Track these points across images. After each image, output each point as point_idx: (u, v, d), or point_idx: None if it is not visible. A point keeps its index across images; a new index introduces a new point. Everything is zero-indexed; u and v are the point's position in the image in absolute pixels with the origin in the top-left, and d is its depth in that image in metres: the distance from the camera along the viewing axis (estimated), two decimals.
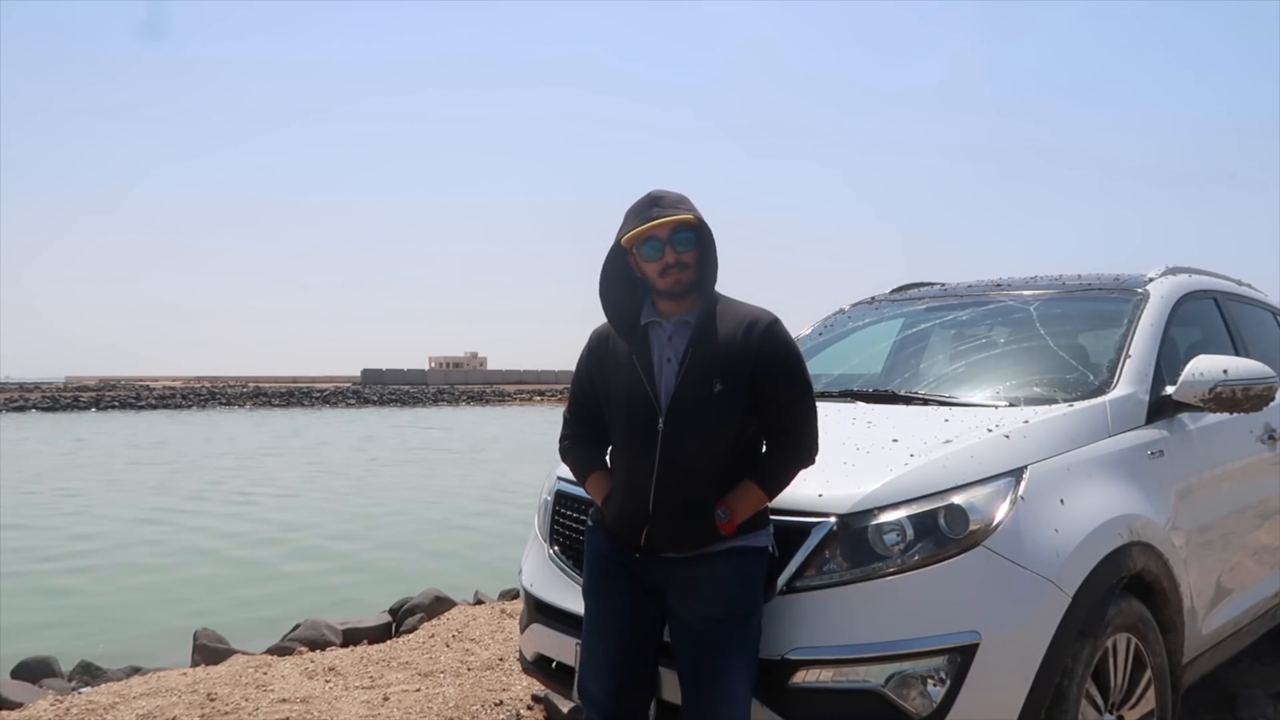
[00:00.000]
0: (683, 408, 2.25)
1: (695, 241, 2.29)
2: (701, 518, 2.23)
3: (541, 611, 2.88)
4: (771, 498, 2.29)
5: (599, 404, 2.44)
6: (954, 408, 2.97)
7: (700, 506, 2.23)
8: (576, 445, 2.53)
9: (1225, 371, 2.95)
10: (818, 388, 2.41)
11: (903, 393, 3.25)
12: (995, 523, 2.31)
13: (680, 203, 2.28)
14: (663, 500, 2.25)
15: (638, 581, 2.34)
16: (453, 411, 53.33)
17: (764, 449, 2.34)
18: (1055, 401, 2.89)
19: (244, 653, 5.09)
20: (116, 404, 55.72)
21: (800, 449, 2.29)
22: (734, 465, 2.27)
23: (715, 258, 2.32)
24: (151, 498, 15.14)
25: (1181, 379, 2.99)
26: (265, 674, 4.42)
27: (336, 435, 32.12)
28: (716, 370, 2.24)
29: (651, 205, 2.27)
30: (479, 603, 6.11)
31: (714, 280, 2.34)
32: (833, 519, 2.31)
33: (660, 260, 2.27)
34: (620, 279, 2.39)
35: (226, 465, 20.72)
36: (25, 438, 29.64)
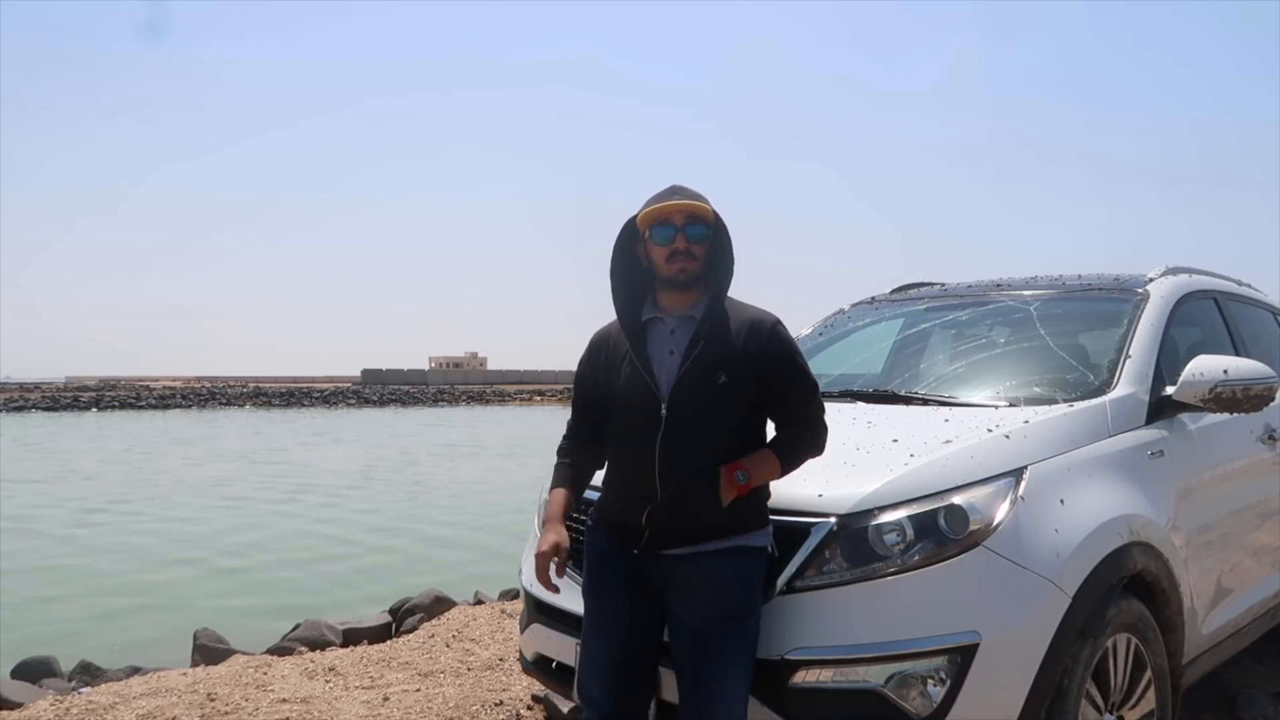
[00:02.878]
0: (685, 396, 2.26)
1: (707, 237, 2.31)
2: (702, 508, 2.23)
3: (541, 611, 2.88)
4: (785, 473, 2.31)
5: (604, 401, 2.43)
6: (954, 408, 2.97)
7: (701, 496, 2.24)
8: (571, 449, 2.53)
9: (1225, 371, 2.95)
10: None
11: (903, 393, 3.25)
12: (995, 523, 2.31)
13: (699, 197, 2.33)
14: (665, 489, 2.25)
15: (637, 581, 2.34)
16: (465, 411, 53.21)
17: (771, 437, 2.36)
18: (1055, 402, 2.89)
19: (244, 653, 5.09)
20: (116, 404, 55.65)
21: (813, 435, 2.33)
22: (735, 458, 2.27)
23: (729, 259, 2.34)
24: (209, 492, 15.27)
25: (1181, 379, 2.99)
26: (265, 674, 4.42)
27: (359, 433, 32.10)
28: (722, 364, 2.26)
29: (672, 192, 2.32)
30: (479, 603, 6.11)
31: (727, 282, 2.35)
32: (833, 519, 2.31)
33: (670, 245, 2.29)
34: (623, 274, 2.40)
35: (279, 462, 20.94)
36: (52, 434, 29.51)
